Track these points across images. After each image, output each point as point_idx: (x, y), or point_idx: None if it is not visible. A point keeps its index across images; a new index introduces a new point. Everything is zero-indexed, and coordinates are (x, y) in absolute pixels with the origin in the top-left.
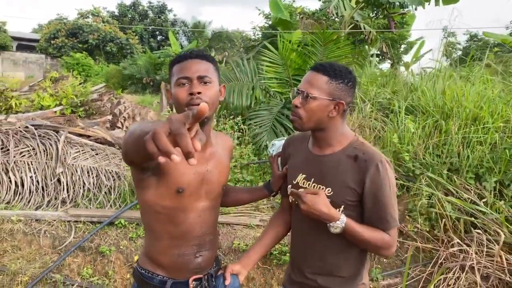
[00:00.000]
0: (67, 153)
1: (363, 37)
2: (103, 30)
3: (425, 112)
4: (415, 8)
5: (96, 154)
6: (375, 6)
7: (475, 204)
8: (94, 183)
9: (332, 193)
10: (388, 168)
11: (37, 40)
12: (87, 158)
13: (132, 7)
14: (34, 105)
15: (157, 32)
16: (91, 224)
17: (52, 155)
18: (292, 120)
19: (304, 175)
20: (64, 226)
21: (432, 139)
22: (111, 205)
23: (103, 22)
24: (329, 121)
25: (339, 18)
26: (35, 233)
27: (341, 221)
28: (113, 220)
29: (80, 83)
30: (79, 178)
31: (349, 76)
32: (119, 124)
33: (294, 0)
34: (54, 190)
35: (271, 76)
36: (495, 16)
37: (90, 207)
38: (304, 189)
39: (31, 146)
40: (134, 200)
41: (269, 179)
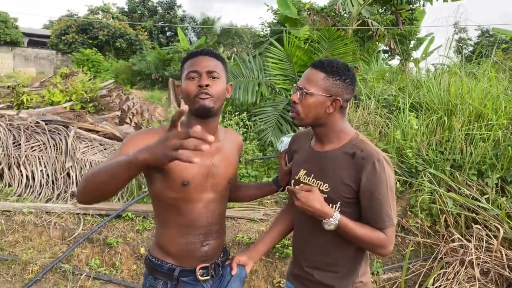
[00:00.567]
0: (76, 148)
1: (371, 33)
2: (112, 26)
3: (429, 109)
4: (423, 4)
5: (105, 149)
6: (383, 2)
7: (477, 200)
8: None
9: (329, 189)
10: (386, 167)
11: (48, 36)
12: (96, 153)
13: (142, 3)
14: (45, 100)
15: (166, 28)
16: (99, 217)
17: (62, 149)
18: (291, 117)
19: (305, 171)
20: (73, 218)
21: (436, 135)
22: (118, 198)
23: (112, 18)
24: (327, 117)
25: (347, 14)
26: (45, 224)
27: (334, 218)
28: (120, 213)
29: (90, 79)
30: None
31: (346, 73)
32: (128, 120)
33: None
34: (64, 184)
35: (277, 73)
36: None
37: None
38: (301, 185)
39: (42, 141)
40: (141, 193)
41: (276, 174)
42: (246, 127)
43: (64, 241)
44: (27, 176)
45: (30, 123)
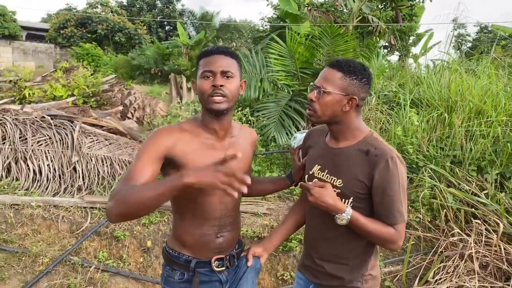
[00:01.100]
0: (82, 142)
1: (371, 29)
2: (111, 20)
3: (430, 105)
4: (422, 0)
5: (110, 144)
6: None
7: (476, 195)
8: (108, 171)
9: (342, 184)
10: (399, 164)
11: (46, 30)
12: (101, 148)
13: None
14: (47, 95)
15: (165, 22)
16: (105, 211)
17: (67, 144)
18: (308, 114)
19: (319, 166)
20: (80, 212)
21: (436, 132)
22: None
23: (111, 12)
24: (343, 115)
25: (347, 10)
26: (53, 218)
27: (346, 213)
28: None
29: (92, 74)
30: (94, 167)
31: (363, 72)
32: (129, 115)
33: None
34: (70, 178)
35: (279, 68)
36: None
37: (105, 195)
38: (314, 181)
39: (48, 135)
40: None
41: (280, 170)
42: (249, 122)
43: (72, 234)
44: (34, 170)
45: (36, 117)
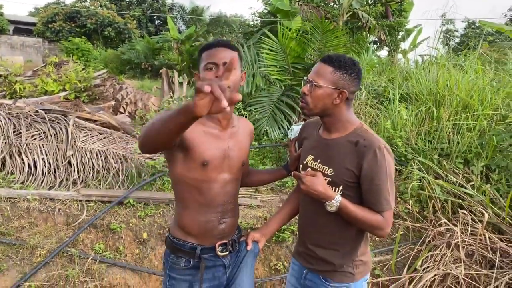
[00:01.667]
0: (76, 136)
1: (361, 24)
2: (101, 14)
3: (418, 100)
4: None
5: (104, 138)
6: None
7: (463, 187)
8: (103, 165)
9: (333, 173)
10: (386, 155)
11: (34, 24)
12: (96, 142)
13: None
14: (38, 90)
15: (155, 17)
16: (101, 203)
17: (62, 138)
18: (301, 107)
19: (312, 157)
20: (76, 205)
21: (424, 125)
22: (119, 186)
23: (100, 6)
24: (333, 108)
25: (338, 5)
26: (49, 211)
27: (336, 200)
28: (122, 200)
29: (83, 69)
30: (89, 161)
31: (353, 67)
32: (121, 109)
33: None
34: (65, 172)
35: (271, 63)
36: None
37: (100, 188)
38: (307, 170)
39: (42, 129)
40: (141, 181)
41: (273, 162)
42: (242, 117)
43: (69, 226)
44: (29, 164)
45: (29, 112)
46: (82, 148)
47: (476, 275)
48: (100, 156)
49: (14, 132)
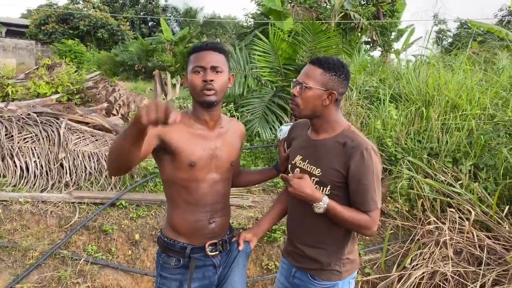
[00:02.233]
0: (68, 139)
1: (353, 25)
2: (94, 16)
3: (408, 100)
4: None
5: (96, 140)
6: None
7: (452, 186)
8: (95, 167)
9: (321, 173)
10: (373, 155)
11: (26, 26)
12: (88, 144)
13: None
14: (31, 92)
15: (148, 18)
16: (94, 205)
17: (54, 141)
18: (291, 108)
19: (301, 157)
20: (68, 207)
21: (414, 125)
22: (111, 187)
23: (93, 8)
24: (323, 109)
25: (330, 6)
26: (42, 213)
27: (323, 202)
28: (114, 202)
29: (76, 71)
30: (81, 163)
31: (342, 69)
32: (114, 111)
33: None
34: (58, 174)
35: (263, 65)
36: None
37: (92, 190)
38: (296, 171)
39: (34, 132)
40: (134, 183)
41: (264, 162)
42: (233, 118)
43: (61, 228)
44: (21, 167)
45: (21, 115)
46: (74, 150)
47: (464, 272)
48: (93, 158)
49: (6, 135)
